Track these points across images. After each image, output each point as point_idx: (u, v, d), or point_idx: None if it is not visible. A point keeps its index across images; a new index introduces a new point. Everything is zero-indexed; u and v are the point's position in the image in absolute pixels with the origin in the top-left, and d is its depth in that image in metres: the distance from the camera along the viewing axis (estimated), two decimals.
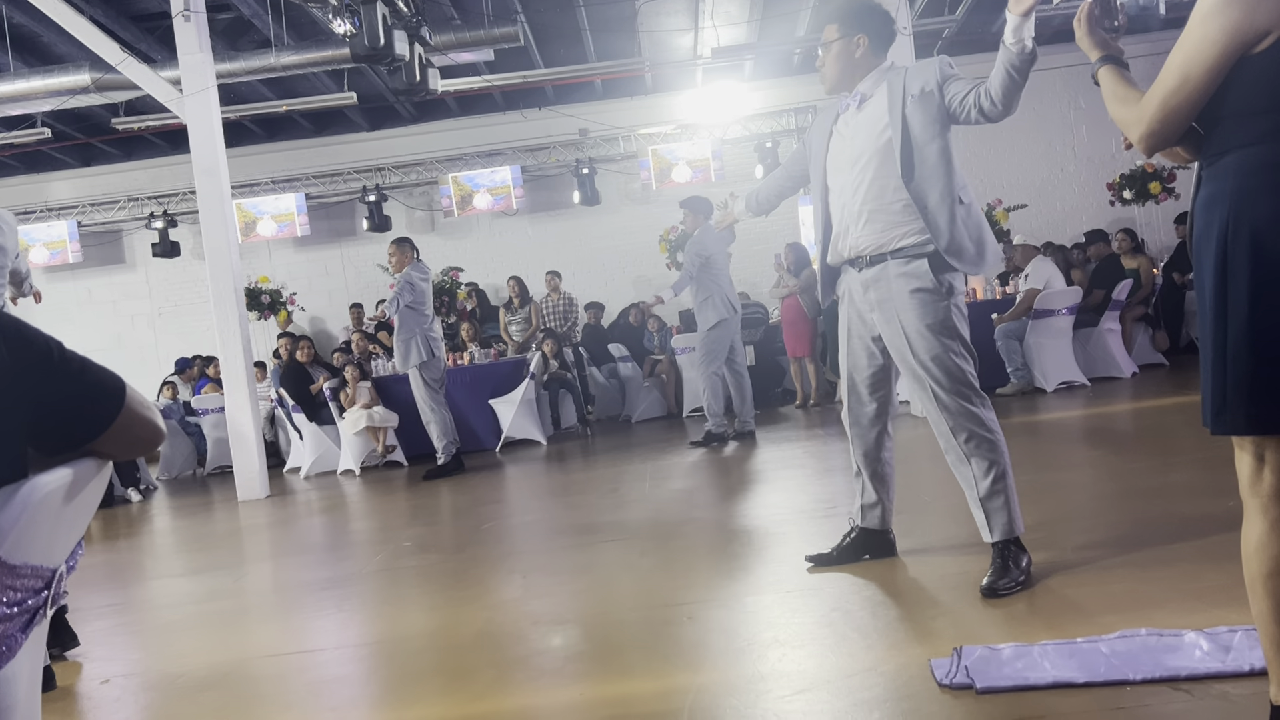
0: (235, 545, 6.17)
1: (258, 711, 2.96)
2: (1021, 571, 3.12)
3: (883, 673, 2.55)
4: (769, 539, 4.38)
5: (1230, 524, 2.11)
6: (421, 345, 7.67)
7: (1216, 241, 1.77)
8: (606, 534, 4.95)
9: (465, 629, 3.49)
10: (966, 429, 3.20)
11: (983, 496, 3.19)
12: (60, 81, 9.08)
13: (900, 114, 3.20)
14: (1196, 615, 2.65)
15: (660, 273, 12.12)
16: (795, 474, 6.10)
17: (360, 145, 12.88)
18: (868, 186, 3.27)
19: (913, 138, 3.18)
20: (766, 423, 8.80)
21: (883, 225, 3.26)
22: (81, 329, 12.00)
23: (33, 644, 1.33)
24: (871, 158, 3.26)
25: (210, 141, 7.89)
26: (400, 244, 7.91)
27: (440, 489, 7.19)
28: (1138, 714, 2.14)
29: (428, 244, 12.77)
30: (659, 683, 2.71)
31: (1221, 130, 1.77)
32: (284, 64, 9.25)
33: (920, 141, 3.18)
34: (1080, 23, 2.07)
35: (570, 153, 12.56)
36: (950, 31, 10.91)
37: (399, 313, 7.62)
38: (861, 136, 3.31)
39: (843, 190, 3.34)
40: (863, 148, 3.29)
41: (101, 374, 1.41)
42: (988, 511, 3.19)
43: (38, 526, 1.27)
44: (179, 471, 10.37)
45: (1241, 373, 1.73)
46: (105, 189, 12.91)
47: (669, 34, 10.93)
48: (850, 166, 3.31)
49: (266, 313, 11.55)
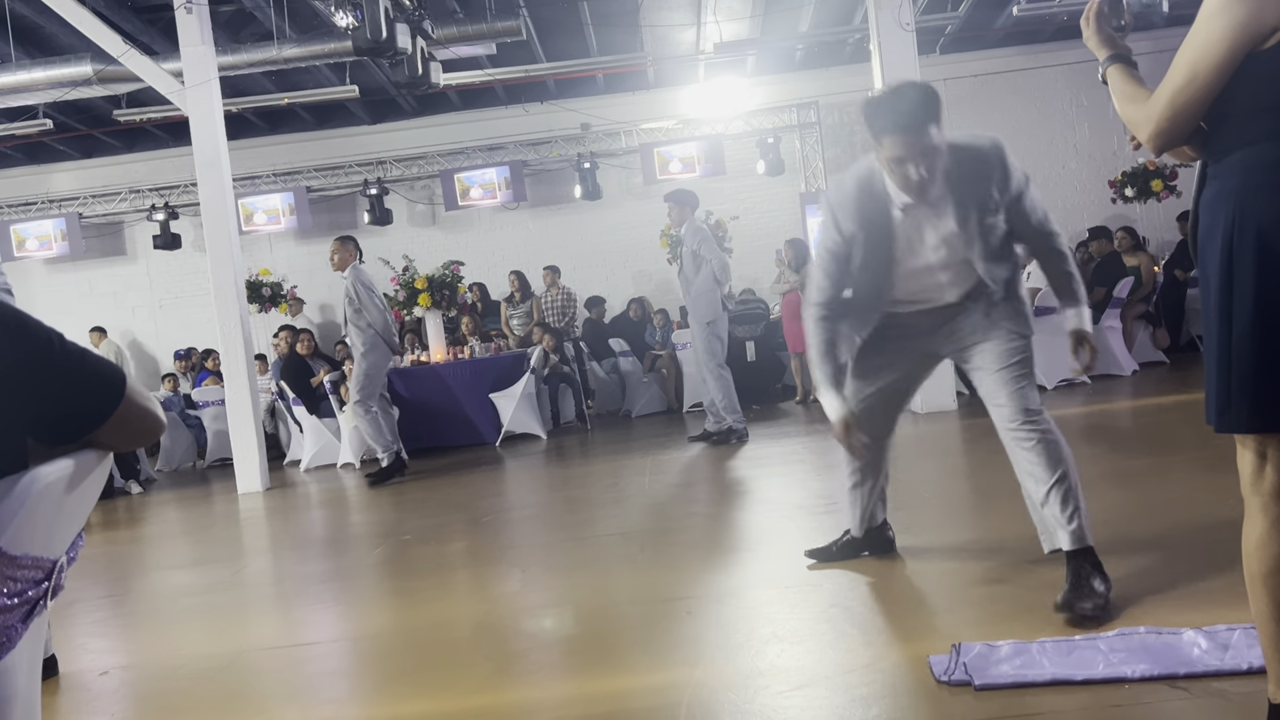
0: (235, 538, 6.18)
1: (256, 703, 2.96)
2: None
3: (881, 669, 2.55)
4: (768, 534, 4.38)
5: (1230, 522, 2.11)
6: (385, 348, 7.44)
7: (1221, 239, 1.77)
8: (605, 528, 4.95)
9: (464, 622, 3.49)
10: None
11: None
12: (62, 73, 9.06)
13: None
14: (1195, 613, 2.65)
15: (661, 268, 12.10)
16: (794, 469, 6.10)
17: (362, 138, 12.86)
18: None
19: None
20: (766, 418, 8.80)
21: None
22: (82, 321, 12.00)
23: (32, 635, 1.33)
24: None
25: (212, 134, 7.88)
26: (345, 241, 7.56)
27: (438, 483, 7.18)
28: (1135, 712, 2.15)
29: (429, 238, 12.78)
30: (657, 677, 2.72)
31: (1227, 128, 1.77)
32: (286, 57, 9.23)
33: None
34: (1088, 21, 2.05)
35: (572, 147, 12.54)
36: (953, 28, 10.89)
37: (355, 317, 7.31)
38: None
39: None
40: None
41: (102, 365, 1.41)
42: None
43: (38, 518, 1.27)
44: (179, 464, 10.38)
45: (1245, 371, 1.73)
46: (106, 181, 12.90)
47: (671, 29, 10.91)
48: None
49: (267, 305, 11.55)
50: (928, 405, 7.70)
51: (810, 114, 12.65)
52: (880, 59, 7.95)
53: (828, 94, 12.48)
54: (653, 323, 11.29)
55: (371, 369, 7.41)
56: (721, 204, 11.69)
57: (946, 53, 12.08)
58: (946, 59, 12.11)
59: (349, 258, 7.46)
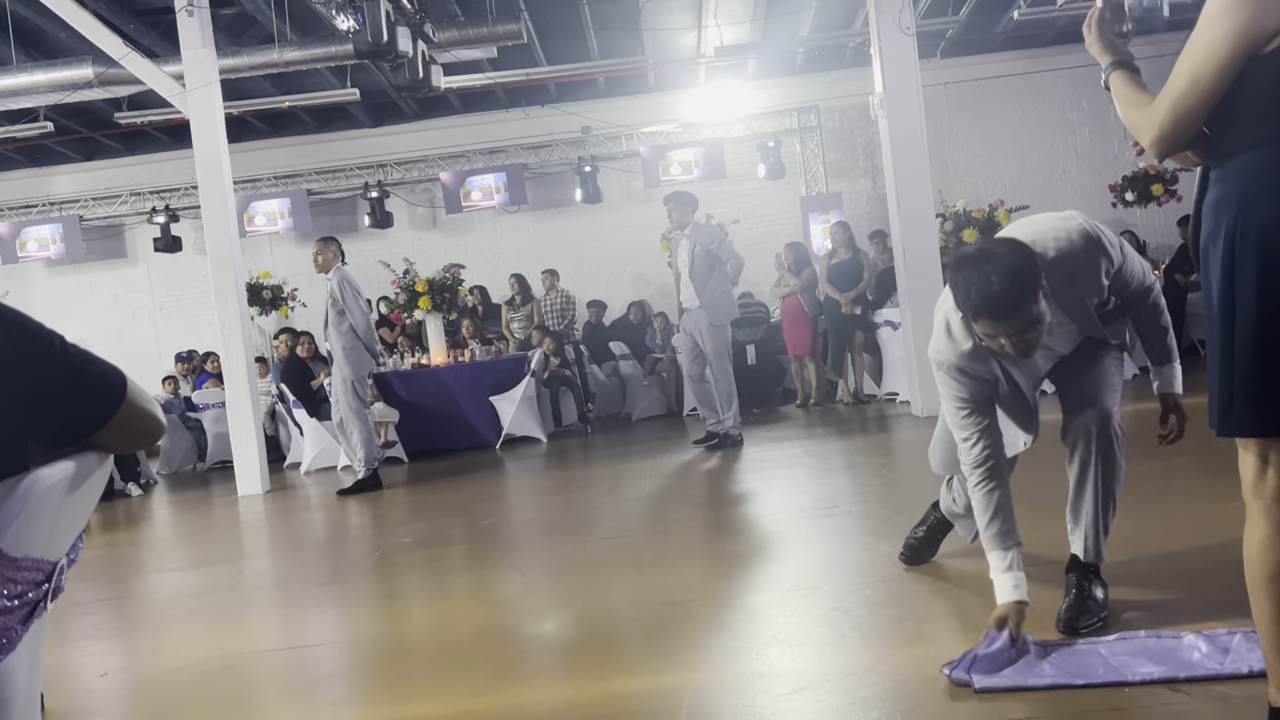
0: (234, 540, 6.17)
1: (256, 706, 2.96)
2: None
3: (881, 672, 2.55)
4: (768, 538, 4.38)
5: (1231, 526, 2.11)
6: (366, 353, 7.34)
7: (1224, 243, 1.77)
8: (605, 531, 4.95)
9: (464, 625, 3.49)
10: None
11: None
12: (63, 75, 9.07)
13: None
14: (1196, 617, 2.65)
15: (661, 271, 12.11)
16: (795, 473, 6.10)
17: (363, 141, 12.87)
18: None
19: None
20: (767, 422, 8.80)
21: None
22: (83, 323, 12.00)
23: (32, 637, 1.33)
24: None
25: (213, 136, 7.89)
26: (329, 242, 7.41)
27: (438, 486, 7.18)
28: (1136, 715, 2.14)
29: (430, 241, 12.79)
30: (657, 680, 2.71)
31: (1230, 132, 1.77)
32: (287, 60, 9.24)
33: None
34: (1090, 28, 2.05)
35: (573, 150, 12.54)
36: (953, 32, 10.91)
37: (338, 320, 7.16)
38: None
39: None
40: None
41: (103, 368, 1.41)
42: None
43: (39, 519, 1.27)
44: (179, 466, 10.37)
45: (1247, 374, 1.73)
46: (107, 183, 12.91)
47: (672, 32, 10.92)
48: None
49: (268, 308, 11.55)
50: (929, 409, 7.70)
51: (811, 118, 12.66)
52: (881, 63, 7.96)
53: (828, 98, 12.50)
54: (653, 326, 11.30)
55: (357, 376, 7.28)
56: (722, 207, 11.70)
57: (947, 57, 12.09)
58: (947, 63, 12.12)
59: (333, 259, 7.31)
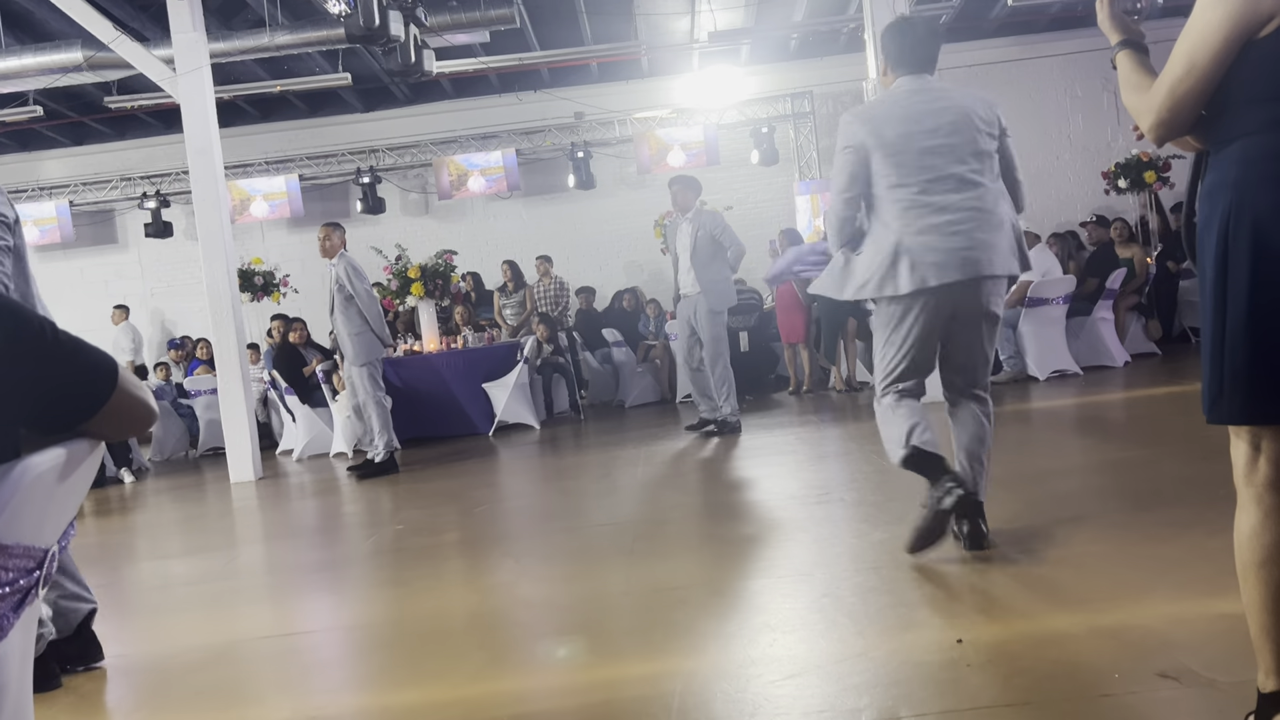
0: (227, 527, 6.17)
1: (250, 693, 2.96)
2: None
3: (873, 658, 2.56)
4: (761, 525, 4.39)
5: (1221, 513, 2.12)
6: (376, 338, 7.34)
7: (1218, 230, 1.77)
8: (598, 518, 4.96)
9: (457, 612, 3.50)
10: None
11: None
12: (52, 59, 9.01)
13: None
14: (1185, 603, 2.66)
15: (654, 258, 12.10)
16: (788, 460, 6.11)
17: (354, 126, 12.82)
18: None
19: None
20: (760, 409, 8.81)
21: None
22: (73, 309, 11.94)
23: (24, 625, 1.33)
24: None
25: (204, 121, 7.84)
26: (334, 227, 7.41)
27: (431, 473, 7.18)
28: (1124, 700, 2.16)
29: (422, 227, 12.75)
30: (650, 667, 2.72)
31: (1226, 118, 1.76)
32: (278, 44, 9.19)
33: None
34: (1102, 3, 2.04)
35: (565, 136, 12.49)
36: (947, 18, 10.88)
37: (345, 305, 7.16)
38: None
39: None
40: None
41: (94, 355, 1.41)
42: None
43: (30, 506, 1.26)
44: (171, 453, 10.35)
45: (1239, 361, 1.73)
46: (97, 168, 12.83)
47: (665, 17, 10.88)
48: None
49: (259, 294, 11.51)
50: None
51: (805, 103, 12.63)
52: (875, 48, 7.94)
53: (822, 83, 12.46)
54: (646, 313, 11.28)
55: (369, 360, 7.28)
56: (715, 194, 11.66)
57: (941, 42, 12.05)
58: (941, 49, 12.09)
59: (338, 244, 7.32)
